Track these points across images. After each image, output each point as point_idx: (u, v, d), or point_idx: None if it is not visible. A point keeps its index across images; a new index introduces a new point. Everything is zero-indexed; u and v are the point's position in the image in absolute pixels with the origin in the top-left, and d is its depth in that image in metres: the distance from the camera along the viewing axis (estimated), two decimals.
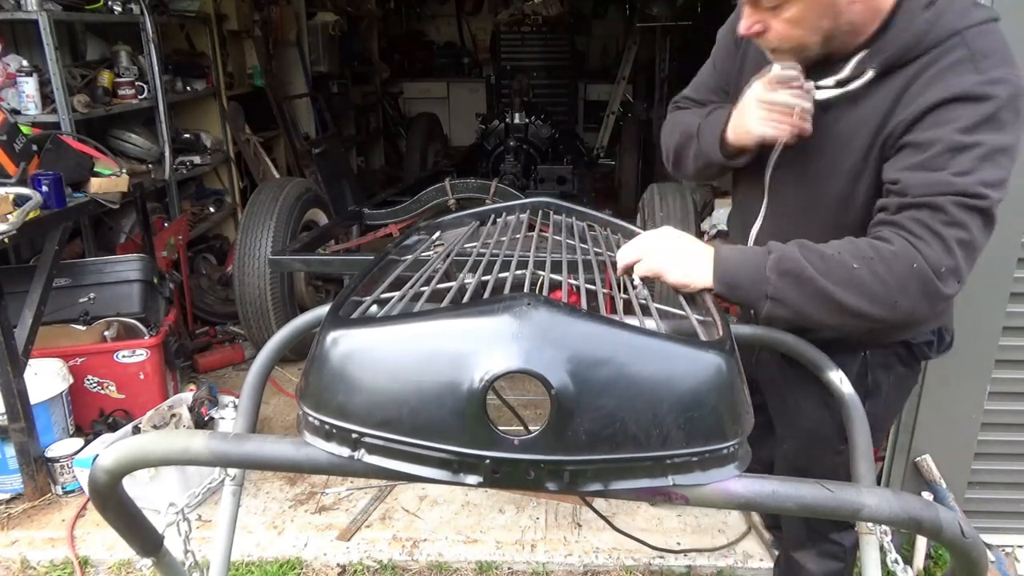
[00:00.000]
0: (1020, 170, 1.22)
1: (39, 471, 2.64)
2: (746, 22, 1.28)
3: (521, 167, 5.50)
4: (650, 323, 1.15)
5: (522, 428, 1.22)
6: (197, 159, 4.41)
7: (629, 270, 1.28)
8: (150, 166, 3.92)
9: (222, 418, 2.83)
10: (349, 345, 0.87)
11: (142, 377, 2.98)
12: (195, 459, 0.91)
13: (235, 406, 2.87)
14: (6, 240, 2.35)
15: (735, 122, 1.36)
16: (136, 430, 2.64)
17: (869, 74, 1.25)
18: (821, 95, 1.28)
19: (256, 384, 1.39)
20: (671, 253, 1.24)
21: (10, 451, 2.59)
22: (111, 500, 0.99)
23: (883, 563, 1.18)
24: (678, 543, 2.41)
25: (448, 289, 1.20)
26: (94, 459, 0.97)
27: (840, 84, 1.28)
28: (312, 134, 5.92)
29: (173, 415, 2.68)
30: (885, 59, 1.23)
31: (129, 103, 3.75)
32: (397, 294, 1.17)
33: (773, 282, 1.16)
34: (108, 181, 2.91)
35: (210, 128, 4.65)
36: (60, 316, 2.99)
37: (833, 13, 1.20)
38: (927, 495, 2.17)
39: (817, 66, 1.29)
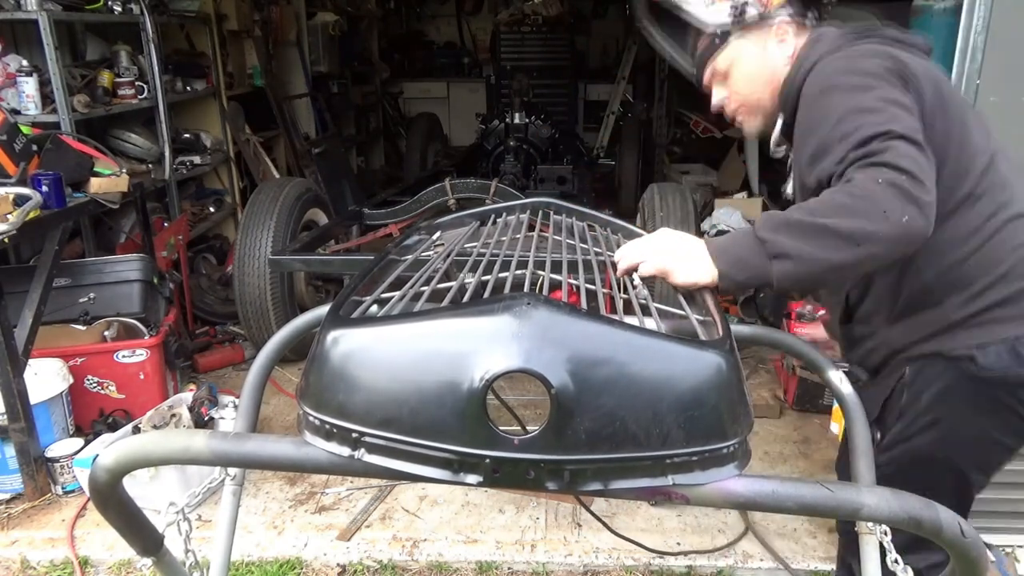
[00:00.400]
0: None
1: (39, 471, 2.64)
2: (714, 100, 1.53)
3: (521, 167, 5.50)
4: (650, 323, 1.15)
5: (519, 428, 1.21)
6: (197, 159, 4.41)
7: (630, 271, 1.28)
8: (150, 166, 3.92)
9: (222, 418, 2.83)
10: (349, 345, 0.87)
11: (142, 377, 2.98)
12: (196, 458, 0.91)
13: (235, 406, 2.87)
14: (6, 240, 2.35)
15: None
16: (136, 430, 2.64)
17: (780, 118, 1.45)
18: (779, 153, 1.52)
19: (256, 384, 1.39)
20: (672, 253, 1.23)
21: (10, 451, 2.59)
22: (111, 499, 0.99)
23: (883, 563, 1.18)
24: (678, 543, 2.41)
25: (448, 289, 1.21)
26: (94, 459, 0.97)
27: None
28: (312, 134, 5.92)
29: (173, 415, 2.68)
30: (782, 102, 1.42)
31: (129, 103, 3.76)
32: (397, 294, 1.17)
33: (769, 240, 1.14)
34: (108, 181, 2.92)
35: (210, 128, 4.66)
36: (60, 316, 2.99)
37: (768, 69, 1.43)
38: None
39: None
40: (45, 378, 2.71)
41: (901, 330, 1.39)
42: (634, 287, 1.29)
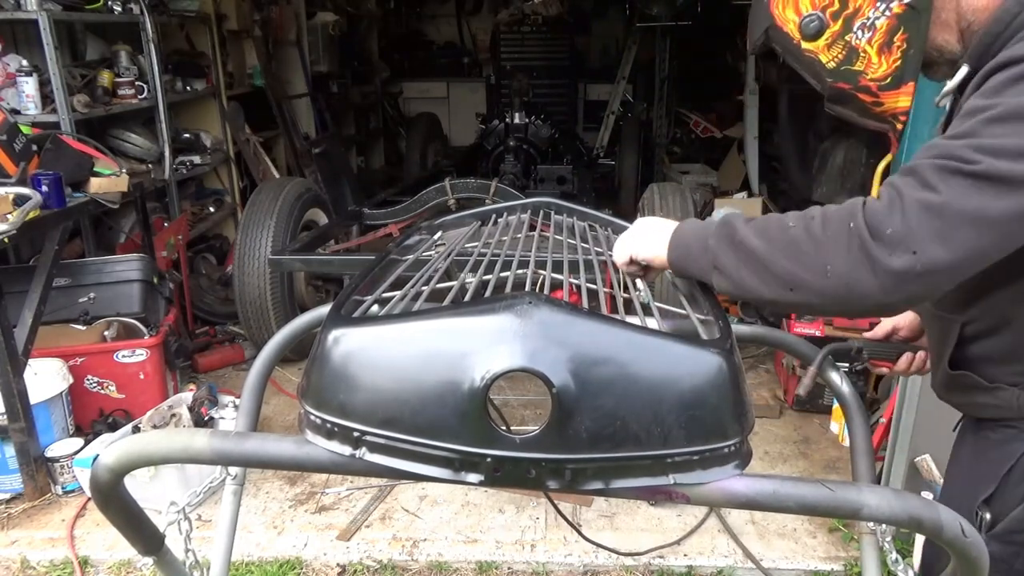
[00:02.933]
0: None
1: (39, 471, 2.64)
2: None
3: (521, 167, 5.50)
4: (651, 322, 1.15)
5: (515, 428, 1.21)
6: (197, 159, 4.41)
7: (626, 263, 1.23)
8: (150, 166, 3.92)
9: (222, 418, 2.83)
10: (350, 344, 0.87)
11: (142, 377, 2.98)
12: (197, 457, 0.91)
13: (235, 406, 2.87)
14: (6, 240, 2.35)
15: None
16: (136, 430, 2.64)
17: (963, 70, 1.06)
18: (937, 99, 1.15)
19: (257, 384, 1.39)
20: (641, 235, 1.20)
21: (10, 451, 2.59)
22: (112, 499, 0.99)
23: (883, 563, 1.18)
24: (678, 543, 2.41)
25: (449, 289, 1.21)
26: (94, 459, 0.97)
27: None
28: (312, 134, 5.91)
29: (173, 415, 2.68)
30: (975, 52, 1.04)
31: (129, 103, 3.76)
32: (398, 293, 1.17)
33: (714, 250, 1.04)
34: (108, 181, 2.92)
35: (210, 128, 4.66)
36: (60, 316, 2.99)
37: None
38: (927, 495, 2.17)
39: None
40: (45, 378, 2.71)
41: None
42: (637, 290, 1.29)
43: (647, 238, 1.18)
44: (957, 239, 0.88)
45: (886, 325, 1.41)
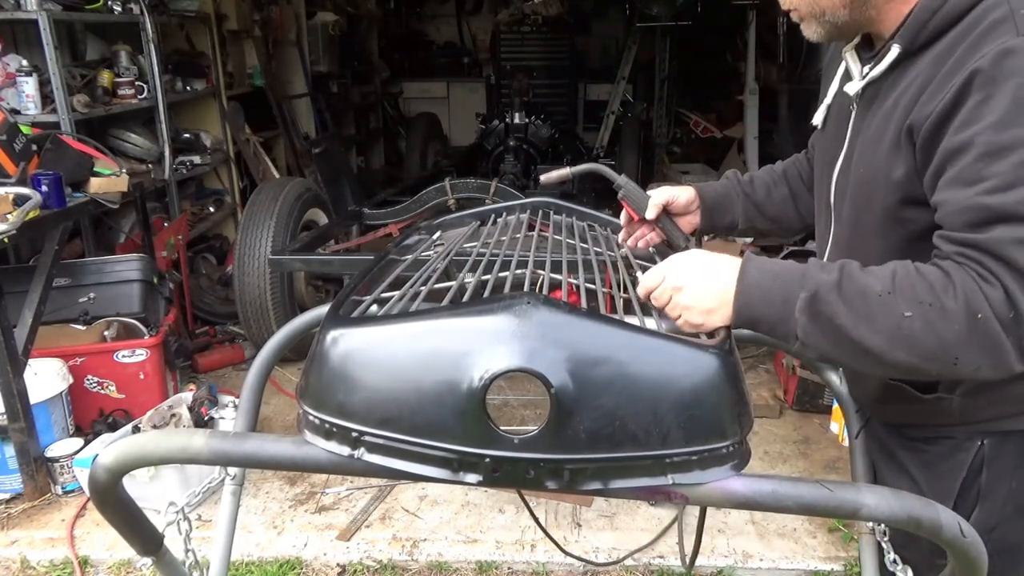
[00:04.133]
0: None
1: (39, 471, 2.64)
2: None
3: (521, 167, 5.50)
4: (650, 322, 1.15)
5: (516, 428, 1.21)
6: (197, 159, 4.41)
7: (647, 297, 1.08)
8: (150, 166, 3.92)
9: (222, 418, 2.83)
10: (349, 344, 0.87)
11: (142, 377, 2.98)
12: (195, 458, 0.91)
13: (235, 406, 2.87)
14: (6, 240, 2.35)
15: None
16: (136, 430, 2.64)
17: (894, 51, 1.01)
18: (851, 88, 1.10)
19: (256, 383, 1.39)
20: (689, 282, 1.01)
21: (10, 451, 2.59)
22: (111, 499, 0.99)
23: (882, 563, 1.18)
24: (678, 543, 2.41)
25: (448, 289, 1.21)
26: (94, 458, 0.97)
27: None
28: (312, 134, 5.91)
29: (173, 415, 2.68)
30: (910, 30, 0.99)
31: (129, 103, 3.76)
32: (397, 293, 1.17)
33: (803, 325, 0.92)
34: (108, 181, 2.92)
35: (210, 128, 4.65)
36: (60, 316, 3.00)
37: None
38: None
39: (860, 49, 1.11)
40: (45, 378, 2.71)
41: (982, 402, 1.08)
42: (636, 287, 1.28)
43: (696, 288, 1.00)
44: None
45: (662, 196, 1.37)
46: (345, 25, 6.67)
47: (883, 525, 1.04)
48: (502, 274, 1.28)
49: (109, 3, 3.62)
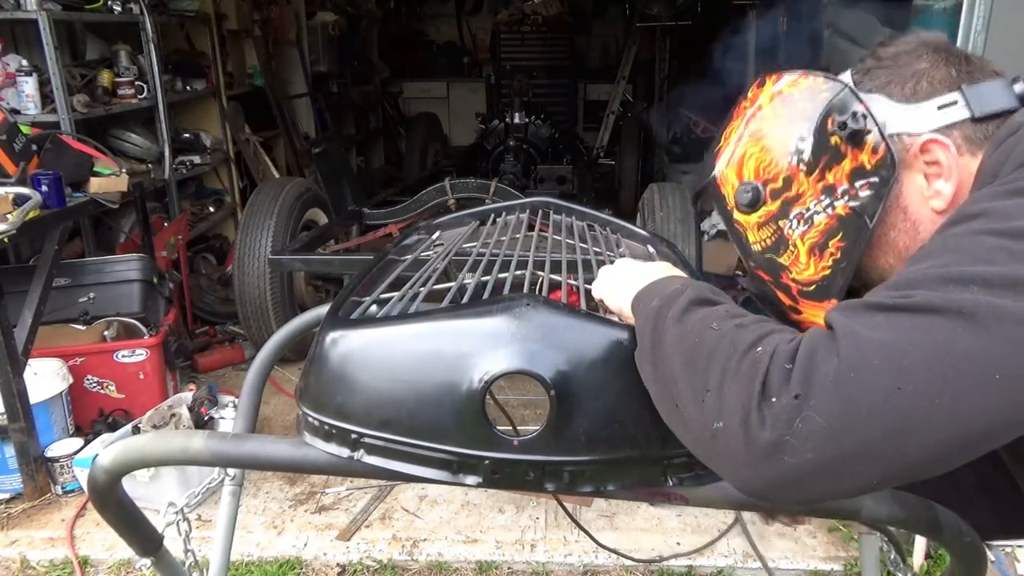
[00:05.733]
0: None
1: (39, 471, 2.64)
2: None
3: (521, 167, 5.50)
4: None
5: (512, 430, 1.21)
6: (197, 159, 4.41)
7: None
8: (150, 166, 3.92)
9: (222, 418, 2.83)
10: (348, 345, 0.87)
11: (142, 377, 2.98)
12: (194, 459, 0.91)
13: (235, 406, 2.87)
14: (6, 240, 2.35)
15: None
16: (136, 430, 2.64)
17: None
18: None
19: (256, 384, 1.39)
20: (612, 282, 0.97)
21: (10, 451, 2.59)
22: (110, 500, 0.99)
23: (882, 563, 1.18)
24: (678, 543, 2.41)
25: (447, 289, 1.20)
26: (94, 459, 0.97)
27: None
28: (312, 134, 5.92)
29: (173, 415, 2.68)
30: None
31: (129, 103, 3.75)
32: (397, 294, 1.17)
33: (647, 341, 0.79)
34: (108, 181, 2.91)
35: (210, 128, 4.65)
36: (60, 316, 2.99)
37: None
38: None
39: None
40: (45, 378, 2.71)
41: None
42: None
43: (616, 289, 0.93)
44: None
45: None
46: (345, 25, 6.67)
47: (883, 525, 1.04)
48: (502, 275, 1.28)
49: (109, 3, 3.62)
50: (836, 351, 0.63)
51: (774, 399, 0.64)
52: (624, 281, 0.93)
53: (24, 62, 3.30)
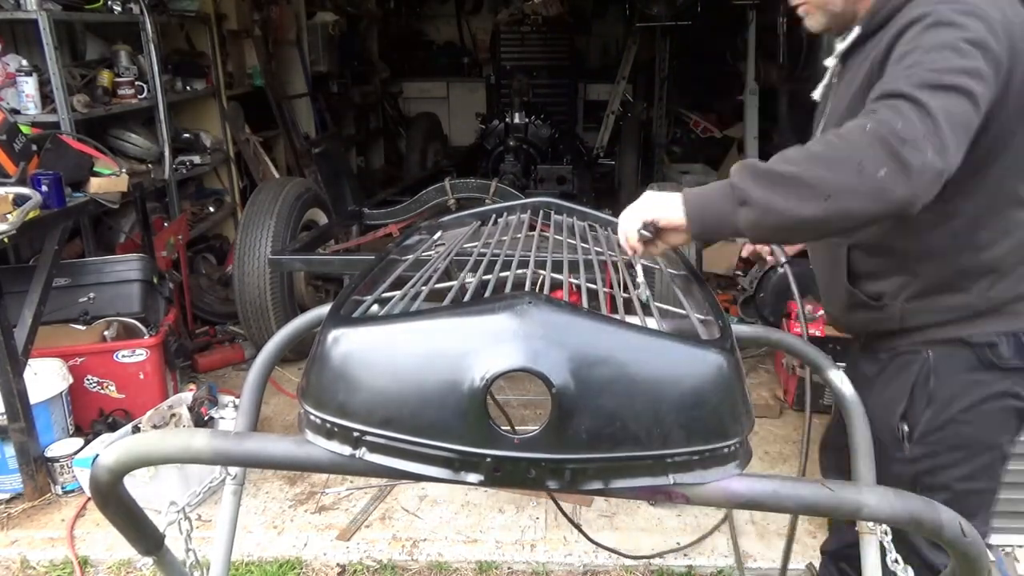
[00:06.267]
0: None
1: (39, 471, 2.64)
2: None
3: (521, 167, 5.50)
4: (651, 322, 1.15)
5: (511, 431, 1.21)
6: (197, 159, 4.41)
7: (637, 231, 1.24)
8: (150, 166, 3.92)
9: (222, 418, 2.83)
10: (350, 344, 0.87)
11: (142, 377, 2.98)
12: (197, 457, 0.91)
13: (235, 406, 2.87)
14: (6, 240, 2.35)
15: None
16: (136, 430, 2.64)
17: (856, 31, 1.32)
18: (829, 61, 1.42)
19: (257, 383, 1.39)
20: (653, 200, 1.21)
21: (10, 451, 2.59)
22: (112, 499, 0.99)
23: (883, 563, 1.18)
24: (678, 543, 2.41)
25: (449, 289, 1.21)
26: (94, 459, 0.97)
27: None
28: (312, 134, 5.92)
29: (173, 415, 2.68)
30: (866, 17, 1.29)
31: (129, 103, 3.75)
32: (398, 293, 1.17)
33: (738, 186, 1.09)
34: (108, 181, 2.92)
35: (210, 128, 4.65)
36: (60, 316, 2.99)
37: None
38: None
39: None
40: (45, 378, 2.71)
41: (922, 310, 1.35)
42: (637, 288, 1.28)
43: (659, 201, 1.20)
44: (958, 142, 1.05)
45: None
46: (345, 25, 6.67)
47: (884, 525, 1.04)
48: (503, 274, 1.28)
49: (109, 3, 3.62)
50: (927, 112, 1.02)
51: (916, 143, 1.00)
52: (661, 197, 1.20)
53: (24, 62, 3.30)
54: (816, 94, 1.52)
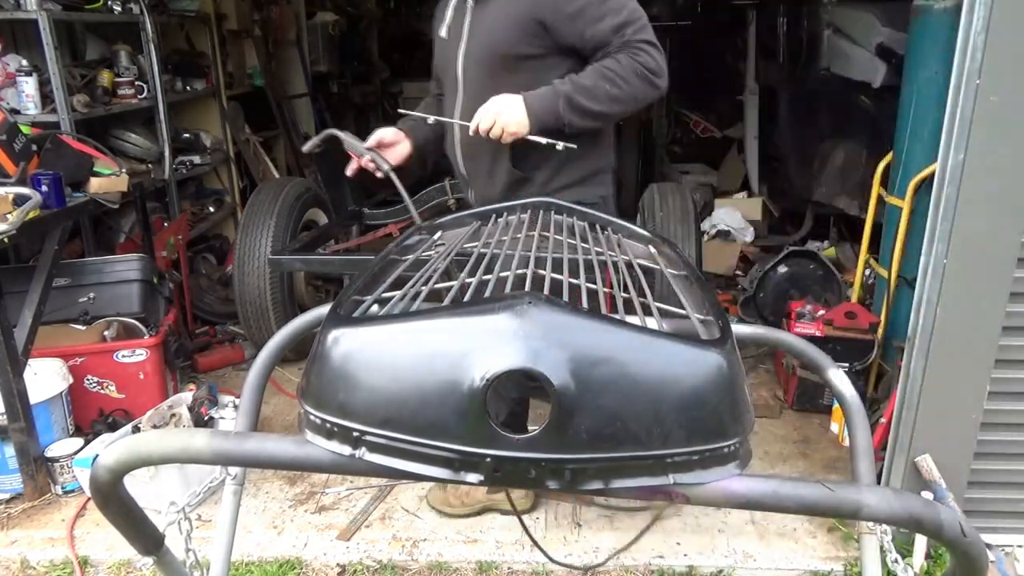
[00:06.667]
0: (1018, 170, 1.23)
1: (39, 471, 2.64)
2: None
3: None
4: (651, 322, 1.15)
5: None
6: (197, 159, 4.41)
7: (485, 132, 1.96)
8: (150, 166, 3.92)
9: (222, 418, 2.83)
10: (350, 344, 0.87)
11: (142, 377, 2.98)
12: (197, 457, 0.91)
13: (235, 406, 2.87)
14: (6, 240, 2.35)
15: None
16: (136, 430, 2.64)
17: None
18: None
19: (257, 383, 1.39)
20: (501, 102, 1.93)
21: (10, 451, 2.59)
22: (112, 498, 0.99)
23: (883, 563, 1.18)
24: (678, 543, 2.41)
25: (449, 288, 1.21)
26: (94, 459, 0.97)
27: None
28: (312, 134, 5.91)
29: (173, 415, 2.68)
30: None
31: (129, 103, 3.75)
32: (398, 293, 1.17)
33: (567, 115, 1.91)
34: (108, 181, 2.91)
35: (210, 128, 4.65)
36: (60, 316, 2.99)
37: None
38: (927, 495, 2.17)
39: None
40: (45, 378, 2.71)
41: (545, 178, 2.13)
42: (635, 285, 1.29)
43: (509, 112, 1.92)
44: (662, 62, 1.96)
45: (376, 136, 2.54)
46: (345, 25, 6.67)
47: (884, 525, 1.04)
48: (503, 274, 1.28)
49: (109, 3, 3.62)
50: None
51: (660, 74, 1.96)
52: (506, 100, 1.95)
53: (24, 62, 3.30)
54: (443, 32, 2.17)
